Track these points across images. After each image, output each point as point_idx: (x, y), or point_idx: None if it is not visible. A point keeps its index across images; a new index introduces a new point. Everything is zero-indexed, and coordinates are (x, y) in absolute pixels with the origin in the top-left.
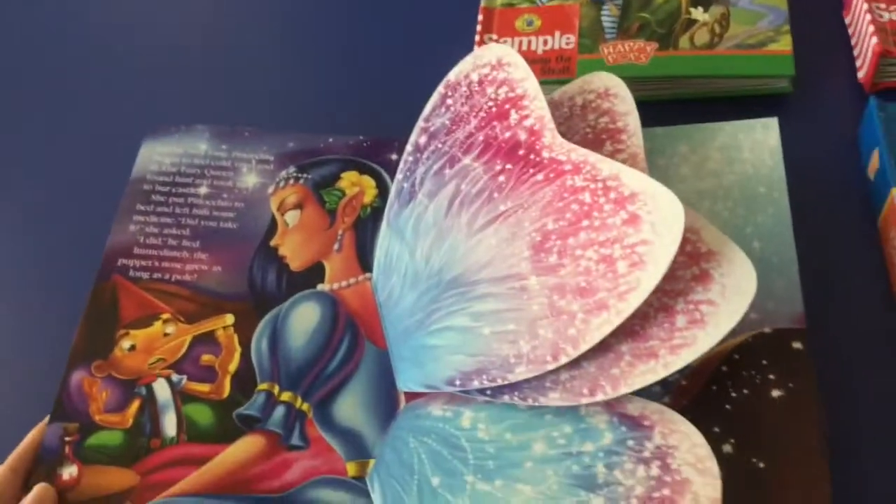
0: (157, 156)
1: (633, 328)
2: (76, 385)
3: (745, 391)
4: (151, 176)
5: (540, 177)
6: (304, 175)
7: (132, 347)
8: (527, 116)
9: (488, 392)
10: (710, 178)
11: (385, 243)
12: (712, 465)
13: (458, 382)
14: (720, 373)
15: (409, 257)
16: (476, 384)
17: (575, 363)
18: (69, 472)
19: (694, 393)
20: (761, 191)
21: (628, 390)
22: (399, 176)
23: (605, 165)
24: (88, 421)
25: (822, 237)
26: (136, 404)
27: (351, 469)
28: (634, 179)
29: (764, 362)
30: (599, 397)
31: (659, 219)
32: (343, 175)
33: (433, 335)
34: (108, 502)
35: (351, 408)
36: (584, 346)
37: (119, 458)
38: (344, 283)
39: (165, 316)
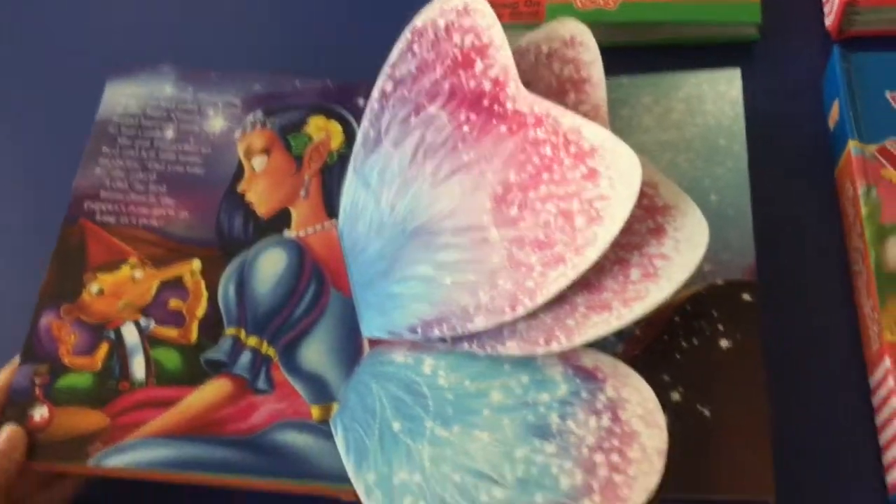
0: (122, 97)
1: (588, 280)
2: (45, 328)
3: (695, 341)
4: (117, 118)
5: (503, 128)
6: (271, 119)
7: (100, 291)
8: (492, 66)
9: (448, 340)
10: (672, 129)
11: (351, 191)
12: (660, 418)
13: (419, 330)
14: (673, 323)
15: (375, 205)
16: (437, 332)
17: (532, 314)
18: (40, 413)
19: (647, 342)
20: (721, 143)
21: (582, 341)
22: (365, 122)
23: (567, 119)
24: (58, 363)
25: (782, 186)
26: (104, 348)
27: (315, 413)
28: (595, 134)
29: (714, 313)
30: (555, 347)
31: (617, 174)
32: (310, 120)
33: (397, 283)
34: (79, 443)
35: (316, 353)
36: (542, 298)
37: (89, 399)
38: (310, 230)
39: (133, 260)
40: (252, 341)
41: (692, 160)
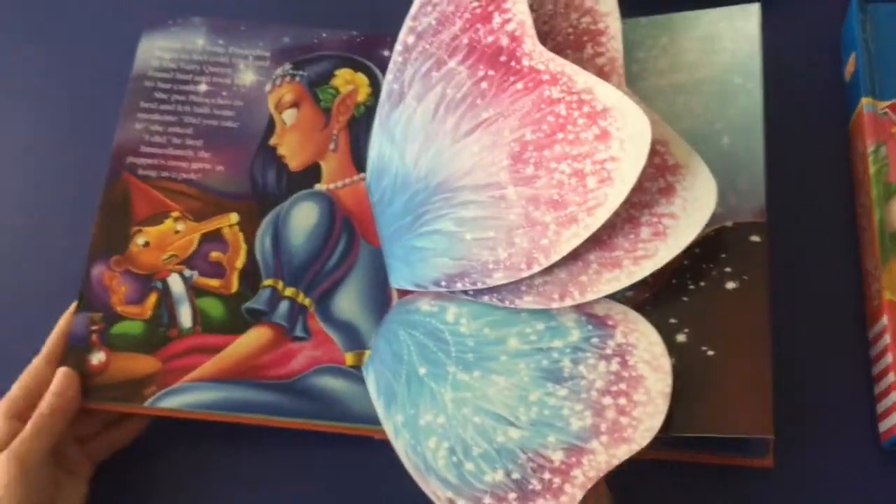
0: (156, 51)
1: (601, 238)
2: (97, 278)
3: (703, 283)
4: (152, 72)
5: (520, 85)
6: (300, 72)
7: (146, 244)
8: (509, 20)
9: (470, 293)
10: (686, 70)
11: (377, 145)
12: (665, 363)
13: (443, 283)
14: (681, 266)
15: (399, 160)
16: (459, 286)
17: (548, 269)
18: (98, 357)
19: (656, 287)
20: (736, 81)
21: (594, 297)
22: (389, 76)
23: (581, 78)
24: (111, 312)
25: (796, 137)
26: (153, 297)
27: (349, 359)
28: (607, 94)
29: (723, 255)
30: (568, 302)
31: (627, 136)
32: (337, 72)
33: (421, 237)
34: (135, 385)
35: (348, 302)
36: (555, 257)
37: (142, 345)
38: (340, 184)
39: (175, 214)
40: (289, 292)
41: (706, 102)
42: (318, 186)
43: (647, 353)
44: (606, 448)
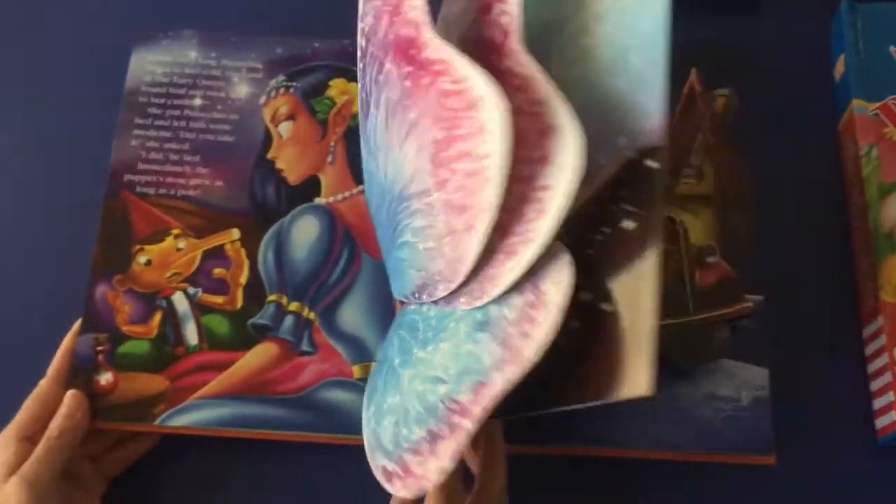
0: (148, 65)
1: (501, 226)
2: (101, 298)
3: (605, 229)
4: (145, 87)
5: (426, 80)
6: (294, 84)
7: (148, 262)
8: (413, 7)
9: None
10: None
11: (364, 156)
12: (567, 276)
13: (416, 296)
14: (586, 213)
15: (376, 170)
16: (424, 297)
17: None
18: (105, 378)
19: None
20: None
21: (500, 290)
22: (359, 84)
23: (461, 64)
24: (117, 332)
25: (783, 135)
26: (158, 316)
27: (356, 371)
28: (480, 84)
29: (623, 193)
30: (486, 299)
31: (497, 128)
32: (331, 83)
33: (399, 248)
34: (145, 405)
35: (353, 316)
36: (469, 265)
37: (149, 364)
38: (339, 197)
39: (176, 231)
40: (294, 306)
41: (620, 23)
42: (318, 200)
43: (557, 273)
44: (503, 374)
